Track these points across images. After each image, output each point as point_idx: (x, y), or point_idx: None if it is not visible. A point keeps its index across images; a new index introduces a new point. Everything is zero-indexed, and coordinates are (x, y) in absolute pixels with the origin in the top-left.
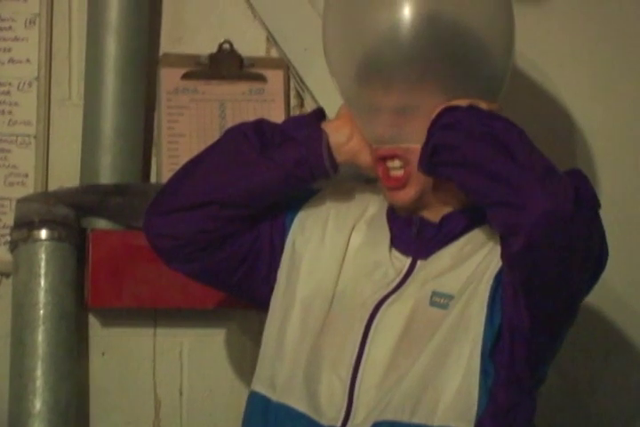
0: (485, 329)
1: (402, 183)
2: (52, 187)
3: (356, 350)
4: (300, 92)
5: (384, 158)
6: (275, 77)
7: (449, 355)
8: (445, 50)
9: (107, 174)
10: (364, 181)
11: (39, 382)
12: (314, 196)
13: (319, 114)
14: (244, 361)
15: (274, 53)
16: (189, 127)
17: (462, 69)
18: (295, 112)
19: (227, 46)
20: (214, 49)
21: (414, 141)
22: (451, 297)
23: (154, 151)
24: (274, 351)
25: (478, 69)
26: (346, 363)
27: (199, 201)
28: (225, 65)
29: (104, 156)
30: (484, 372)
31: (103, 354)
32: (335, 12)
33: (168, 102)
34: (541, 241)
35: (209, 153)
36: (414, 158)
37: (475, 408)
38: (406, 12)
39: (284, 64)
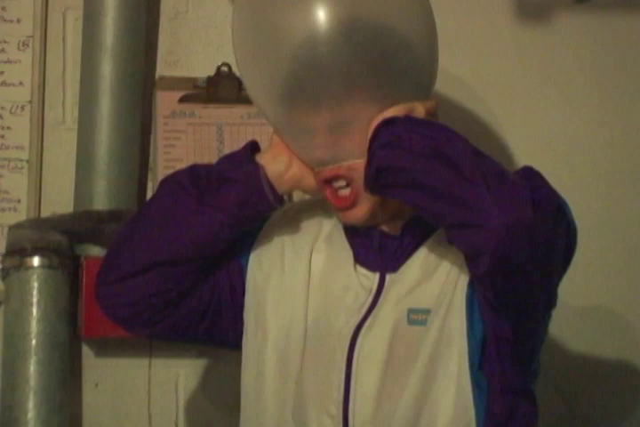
0: (469, 342)
1: (351, 202)
2: (45, 213)
3: (342, 383)
4: None
5: (328, 180)
6: None
7: (437, 374)
8: (368, 58)
9: (101, 200)
10: None
11: (31, 415)
12: (263, 225)
13: (253, 146)
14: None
15: None
16: (186, 152)
17: (389, 75)
18: None
19: (225, 69)
20: (212, 72)
21: (355, 157)
22: (428, 311)
23: (150, 177)
24: (255, 401)
25: (406, 72)
26: (334, 398)
27: (147, 264)
28: (223, 88)
29: (98, 181)
30: (477, 386)
31: (96, 385)
32: (244, 33)
33: (164, 126)
34: (508, 256)
35: (147, 210)
36: (359, 175)
37: (474, 424)
38: (321, 24)
39: None
